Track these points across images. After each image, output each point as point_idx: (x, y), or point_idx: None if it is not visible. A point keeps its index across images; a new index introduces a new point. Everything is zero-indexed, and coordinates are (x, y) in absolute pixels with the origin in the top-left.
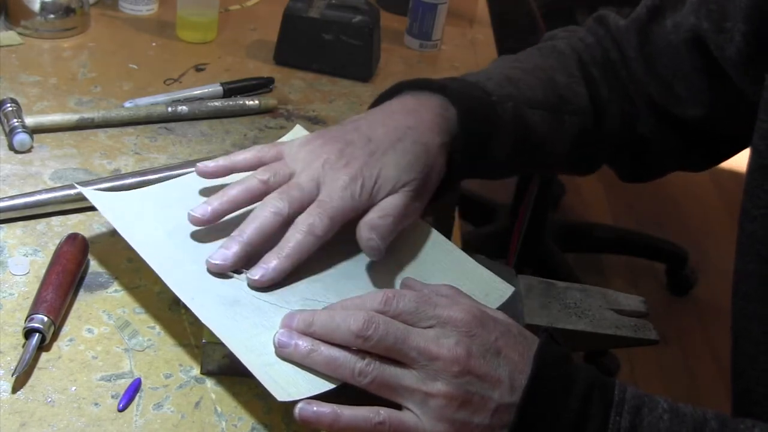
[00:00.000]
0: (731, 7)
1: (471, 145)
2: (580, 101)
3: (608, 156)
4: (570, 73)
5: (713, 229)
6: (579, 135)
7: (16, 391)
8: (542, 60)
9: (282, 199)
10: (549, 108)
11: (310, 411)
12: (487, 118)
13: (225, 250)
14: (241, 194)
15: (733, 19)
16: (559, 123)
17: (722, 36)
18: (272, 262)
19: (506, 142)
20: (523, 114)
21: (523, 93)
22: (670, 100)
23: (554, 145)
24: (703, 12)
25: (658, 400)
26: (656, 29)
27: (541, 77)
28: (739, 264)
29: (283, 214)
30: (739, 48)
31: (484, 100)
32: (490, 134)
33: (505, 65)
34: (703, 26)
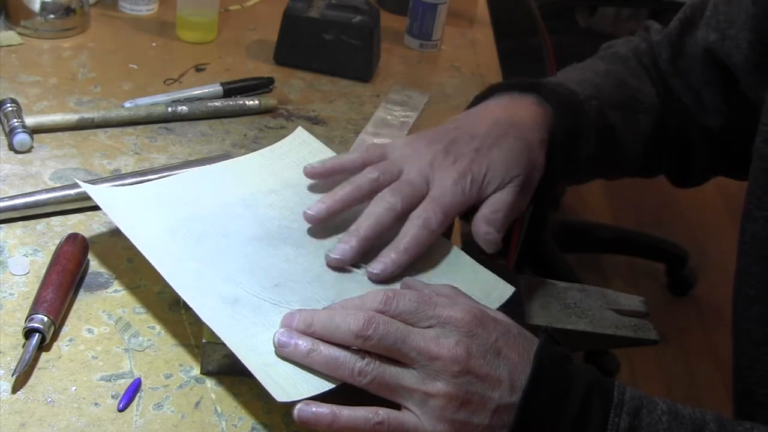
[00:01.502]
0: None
1: (566, 141)
2: (651, 100)
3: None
4: (637, 75)
5: (713, 229)
6: (652, 133)
7: (16, 391)
8: (609, 65)
9: (395, 196)
10: (625, 108)
11: (308, 412)
12: (579, 114)
13: (344, 245)
14: (353, 192)
15: (738, 27)
16: (635, 122)
17: (729, 44)
18: (391, 256)
19: (591, 140)
20: (605, 113)
21: (602, 94)
22: (698, 109)
23: (632, 145)
24: (712, 24)
25: (657, 402)
26: (689, 41)
27: (613, 80)
28: (740, 265)
29: (397, 209)
30: (747, 55)
31: (574, 98)
32: (580, 131)
33: (577, 71)
34: (711, 38)
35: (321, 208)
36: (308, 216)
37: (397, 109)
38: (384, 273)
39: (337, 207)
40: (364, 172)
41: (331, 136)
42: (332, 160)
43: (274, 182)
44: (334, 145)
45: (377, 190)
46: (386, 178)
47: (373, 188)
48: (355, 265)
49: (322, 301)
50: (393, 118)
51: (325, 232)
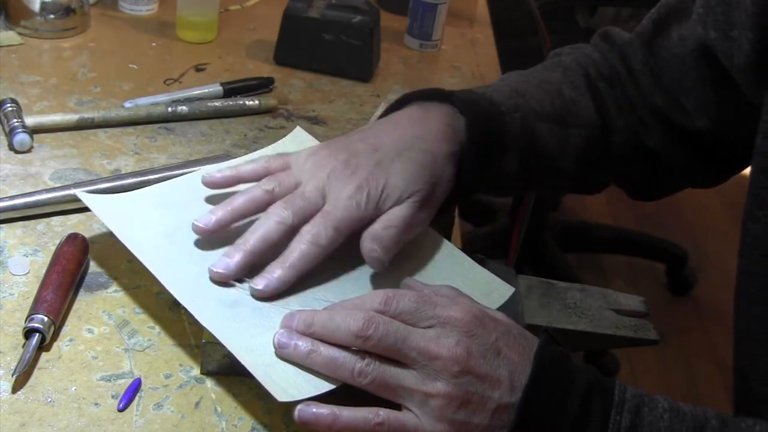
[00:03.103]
0: (737, 15)
1: (479, 154)
2: (586, 114)
3: (616, 173)
4: (576, 87)
5: (713, 229)
6: (586, 148)
7: (16, 391)
8: (548, 74)
9: (287, 209)
10: (556, 120)
11: (309, 412)
12: (496, 127)
13: (228, 259)
14: (246, 204)
15: (740, 27)
16: (566, 135)
17: (730, 44)
18: (276, 272)
19: (514, 153)
20: (530, 125)
21: (530, 105)
22: (677, 113)
23: (561, 159)
24: (710, 22)
25: (659, 400)
26: (662, 42)
27: (547, 90)
28: (742, 265)
29: (288, 223)
30: (748, 56)
31: (492, 110)
32: (498, 144)
33: (511, 79)
34: (711, 36)
35: (210, 219)
36: (196, 227)
37: None
38: (267, 289)
39: (228, 218)
40: (260, 183)
41: (331, 136)
42: (231, 169)
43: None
44: None
45: (272, 201)
46: (282, 190)
47: (268, 200)
48: (239, 280)
49: (322, 302)
50: None
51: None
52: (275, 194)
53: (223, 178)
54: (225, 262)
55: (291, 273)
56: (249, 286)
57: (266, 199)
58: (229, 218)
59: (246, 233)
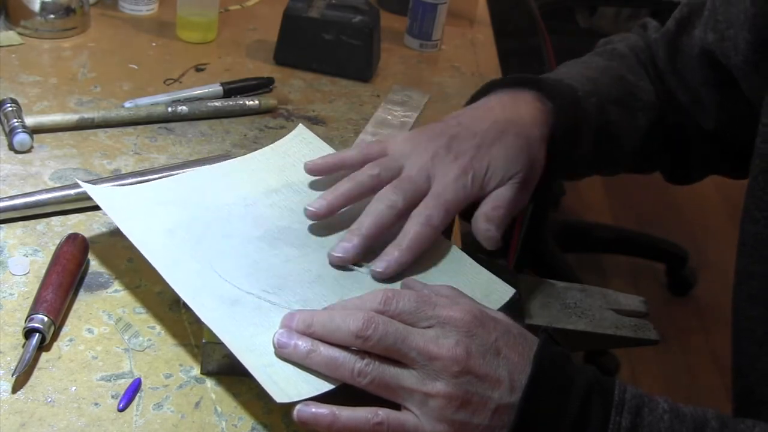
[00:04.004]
0: (735, 14)
1: (566, 138)
2: (649, 97)
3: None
4: (635, 72)
5: (713, 229)
6: (650, 130)
7: (16, 391)
8: (607, 62)
9: (396, 193)
10: (624, 104)
11: (308, 412)
12: (578, 111)
13: (346, 244)
14: (354, 188)
15: (736, 27)
16: (633, 118)
17: (727, 45)
18: (394, 254)
19: (590, 137)
20: (604, 109)
21: (601, 90)
22: (696, 109)
23: (629, 140)
24: (710, 25)
25: (659, 400)
26: (686, 40)
27: (612, 76)
28: (740, 265)
29: (398, 207)
30: (745, 57)
31: (574, 95)
32: (580, 128)
33: (575, 66)
34: (709, 39)
35: (322, 204)
36: (309, 212)
37: (397, 109)
38: (387, 270)
39: (338, 203)
40: (365, 169)
41: (331, 136)
42: (332, 156)
43: (275, 182)
44: (334, 145)
45: (378, 186)
46: (387, 175)
47: (374, 185)
48: (357, 263)
49: (322, 302)
50: (393, 118)
51: (325, 231)
52: (381, 179)
53: (325, 164)
54: (343, 246)
55: (408, 254)
56: (369, 269)
57: (373, 184)
58: (338, 203)
59: (360, 218)
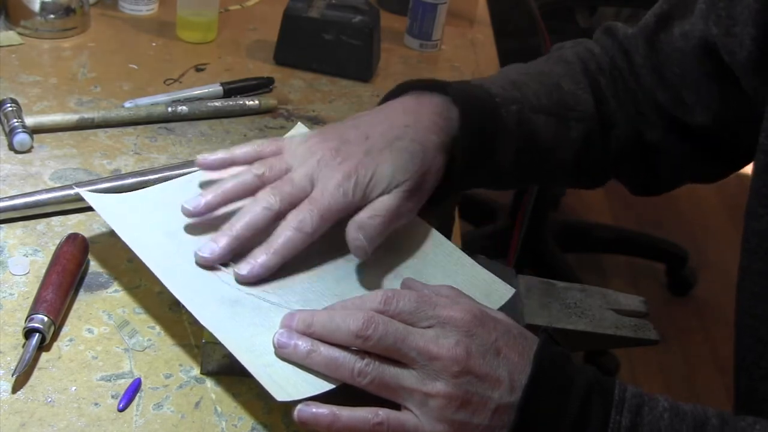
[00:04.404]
0: (740, 11)
1: (472, 146)
2: (585, 107)
3: (616, 167)
4: (576, 80)
5: (713, 229)
6: (584, 142)
7: (16, 391)
8: (548, 67)
9: (274, 195)
10: (554, 113)
11: (308, 412)
12: (490, 119)
13: (213, 244)
14: (235, 188)
15: (742, 24)
16: (564, 129)
17: (732, 40)
18: (260, 258)
19: (510, 147)
20: (527, 118)
21: (527, 97)
22: (678, 108)
23: (559, 152)
24: (712, 18)
25: (659, 399)
26: (664, 37)
27: (546, 83)
28: (744, 263)
29: (274, 209)
30: (750, 52)
31: (488, 101)
32: (492, 136)
33: (510, 72)
34: (713, 32)
35: (198, 202)
36: (184, 210)
37: None
38: (250, 274)
39: (216, 201)
40: (250, 167)
41: None
42: (224, 152)
43: None
44: None
45: (261, 186)
46: (271, 175)
47: (257, 184)
48: (224, 264)
49: (323, 302)
50: None
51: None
52: (265, 179)
53: (216, 160)
54: (211, 246)
55: (275, 259)
56: (233, 271)
57: (256, 184)
58: (217, 201)
59: (233, 218)
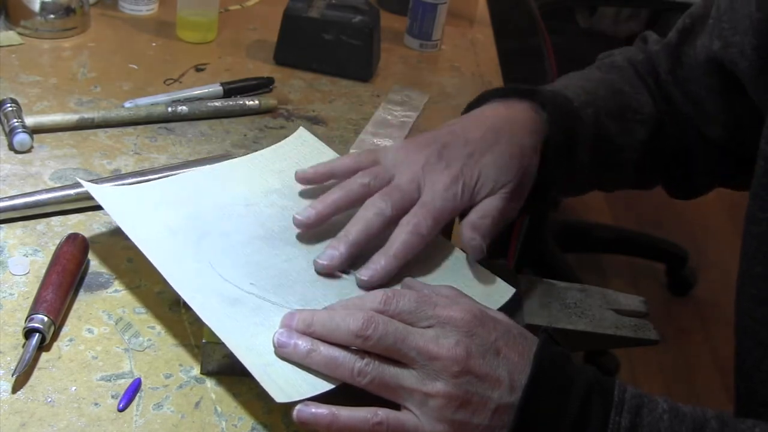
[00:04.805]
0: (741, 20)
1: (560, 147)
2: (647, 110)
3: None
4: (633, 84)
5: (713, 229)
6: (647, 142)
7: (16, 391)
8: (605, 74)
9: (385, 201)
10: (621, 116)
11: (307, 413)
12: (574, 121)
13: (332, 251)
14: (344, 198)
15: (741, 33)
16: (630, 131)
17: (732, 51)
18: (381, 262)
19: (587, 148)
20: (601, 120)
21: (597, 102)
22: (700, 119)
23: (628, 154)
24: (716, 31)
25: (658, 400)
26: (687, 50)
27: (610, 88)
28: (744, 267)
29: (386, 215)
30: (752, 62)
31: (569, 106)
32: (575, 138)
33: (573, 78)
34: (714, 46)
35: (311, 213)
36: (297, 221)
37: (397, 109)
38: (373, 279)
39: (327, 212)
40: (355, 177)
41: (331, 136)
42: (323, 165)
43: (275, 182)
44: (335, 145)
45: (368, 195)
46: (377, 183)
47: (364, 193)
48: (344, 270)
49: (322, 302)
50: (393, 118)
51: (326, 232)
52: (371, 188)
53: (316, 174)
54: (330, 253)
55: (394, 262)
56: (355, 277)
57: (363, 193)
58: (328, 212)
59: (347, 226)
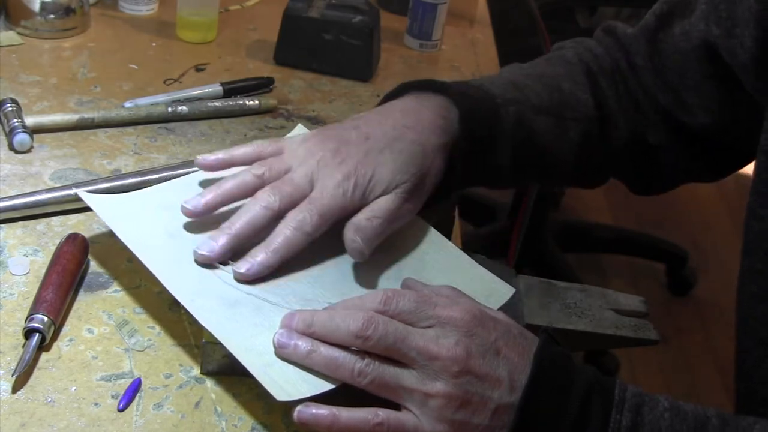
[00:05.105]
0: (741, 12)
1: (472, 147)
2: (584, 109)
3: (617, 167)
4: (576, 81)
5: (713, 229)
6: (583, 143)
7: (16, 391)
8: (549, 68)
9: (274, 194)
10: (554, 114)
11: (308, 413)
12: (490, 120)
13: (212, 242)
14: (234, 188)
15: (743, 25)
16: (563, 129)
17: (733, 41)
18: (259, 256)
19: (508, 147)
20: (526, 118)
21: (527, 98)
22: (679, 109)
23: (558, 153)
24: (713, 18)
25: (659, 399)
26: (665, 37)
27: (546, 83)
28: (745, 264)
29: (274, 208)
30: (752, 54)
31: (487, 102)
32: (491, 137)
33: (511, 72)
34: (714, 32)
35: (198, 202)
36: (184, 210)
37: None
38: (249, 272)
39: (216, 201)
40: (250, 168)
41: None
42: (224, 152)
43: None
44: None
45: (261, 186)
46: (271, 175)
47: (257, 184)
48: (223, 262)
49: (323, 302)
50: None
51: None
52: (265, 179)
53: (216, 161)
54: (210, 244)
55: (274, 257)
56: (232, 269)
57: (255, 184)
58: (217, 201)
59: (232, 217)
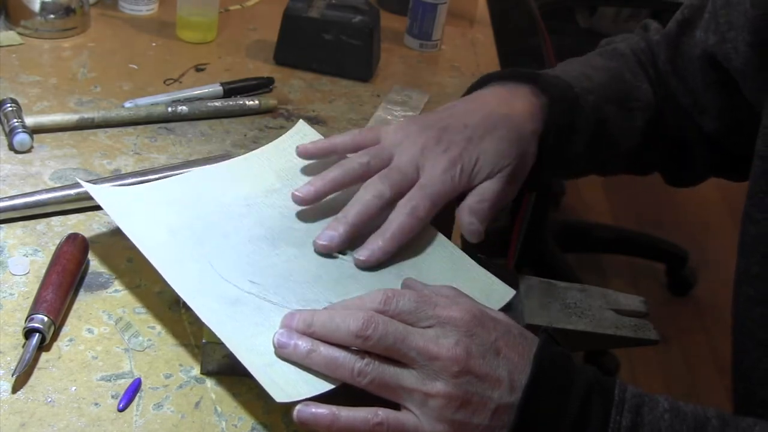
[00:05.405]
0: (736, 16)
1: (560, 133)
2: (647, 98)
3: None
4: (634, 72)
5: (713, 229)
6: (647, 130)
7: (16, 391)
8: (607, 61)
9: (383, 183)
10: (621, 103)
11: (308, 413)
12: (573, 107)
13: (331, 232)
14: (342, 176)
15: (737, 29)
16: (630, 118)
17: (727, 46)
18: (378, 243)
19: (586, 135)
20: (600, 107)
21: (598, 89)
22: (697, 112)
23: (625, 140)
24: (711, 27)
25: (659, 399)
26: (686, 41)
27: (611, 75)
28: (741, 267)
29: (385, 197)
30: (747, 58)
31: (570, 91)
32: (572, 126)
33: (574, 65)
34: (710, 41)
35: (309, 189)
36: (296, 197)
37: (397, 109)
38: (370, 260)
39: (326, 189)
40: (355, 156)
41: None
42: (324, 141)
43: (275, 181)
44: None
45: (367, 175)
46: (376, 163)
47: (363, 173)
48: (341, 252)
49: (323, 302)
50: (393, 118)
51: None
52: (371, 167)
53: (317, 148)
54: (329, 234)
55: (391, 244)
56: (352, 257)
57: (362, 172)
58: (327, 189)
59: (346, 207)
